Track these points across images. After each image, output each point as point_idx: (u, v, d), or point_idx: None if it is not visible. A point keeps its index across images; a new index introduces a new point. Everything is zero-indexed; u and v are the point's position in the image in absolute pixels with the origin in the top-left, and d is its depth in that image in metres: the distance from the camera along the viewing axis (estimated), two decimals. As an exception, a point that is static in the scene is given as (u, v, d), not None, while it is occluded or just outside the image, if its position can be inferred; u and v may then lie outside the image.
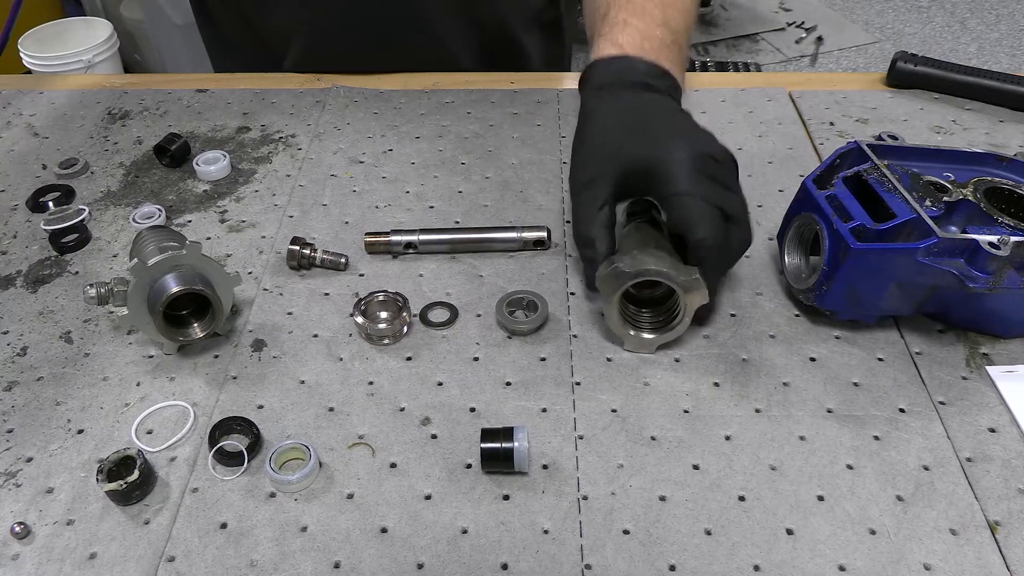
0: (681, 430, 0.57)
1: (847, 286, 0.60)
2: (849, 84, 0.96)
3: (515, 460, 0.53)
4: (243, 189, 0.81)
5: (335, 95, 0.94)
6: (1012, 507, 0.52)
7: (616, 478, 0.54)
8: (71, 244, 0.73)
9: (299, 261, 0.70)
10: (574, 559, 0.50)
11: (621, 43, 0.68)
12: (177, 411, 0.59)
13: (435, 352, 0.63)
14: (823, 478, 0.54)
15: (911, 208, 0.59)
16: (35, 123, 0.91)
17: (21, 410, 0.59)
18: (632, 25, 0.69)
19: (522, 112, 0.91)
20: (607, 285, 0.60)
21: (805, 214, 0.64)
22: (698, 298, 0.59)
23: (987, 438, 0.56)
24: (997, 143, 0.85)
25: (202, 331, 0.62)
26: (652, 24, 0.70)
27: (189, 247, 0.60)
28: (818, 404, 0.59)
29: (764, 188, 0.80)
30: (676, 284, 0.58)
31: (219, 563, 0.50)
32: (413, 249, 0.72)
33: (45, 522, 0.52)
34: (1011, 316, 0.62)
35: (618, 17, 0.70)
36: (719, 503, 0.53)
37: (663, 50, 0.69)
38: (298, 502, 0.53)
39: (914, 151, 0.67)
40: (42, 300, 0.68)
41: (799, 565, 0.49)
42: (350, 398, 0.60)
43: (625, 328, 0.62)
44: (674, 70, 0.68)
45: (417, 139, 0.87)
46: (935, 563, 0.49)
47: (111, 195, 0.80)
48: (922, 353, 0.63)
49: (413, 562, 0.50)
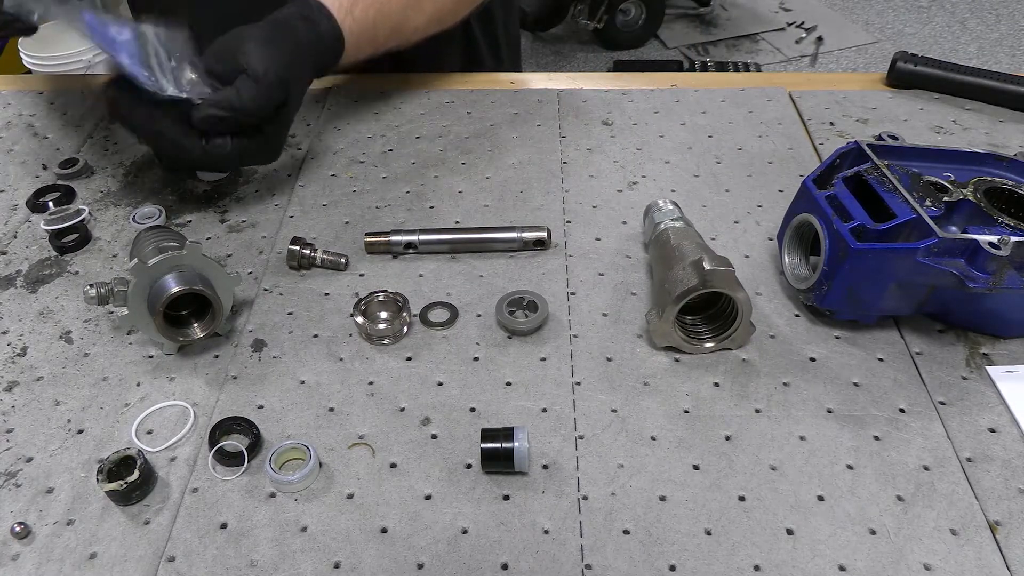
0: (681, 430, 0.57)
1: (847, 286, 0.60)
2: (849, 84, 0.96)
3: (515, 460, 0.53)
4: (243, 189, 0.81)
5: (335, 95, 0.94)
6: (1012, 507, 0.52)
7: (616, 478, 0.54)
8: (71, 244, 0.73)
9: (299, 261, 0.70)
10: (574, 559, 0.50)
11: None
12: (177, 411, 0.59)
13: (435, 352, 0.63)
14: (823, 478, 0.54)
15: (911, 208, 0.59)
16: (35, 123, 0.91)
17: (21, 410, 0.59)
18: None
19: (522, 112, 0.91)
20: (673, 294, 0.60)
21: (805, 214, 0.64)
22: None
23: (987, 438, 0.56)
24: (997, 143, 0.85)
25: (202, 331, 0.62)
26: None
27: (189, 247, 0.60)
28: (818, 404, 0.59)
29: (764, 188, 0.80)
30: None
31: (219, 563, 0.50)
32: (413, 249, 0.72)
33: (45, 522, 0.52)
34: (1011, 316, 0.62)
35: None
36: (719, 503, 0.53)
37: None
38: (298, 502, 0.53)
39: (914, 151, 0.67)
40: (42, 300, 0.68)
41: (799, 565, 0.49)
42: (350, 398, 0.60)
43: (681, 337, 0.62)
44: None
45: (417, 139, 0.87)
46: (935, 563, 0.49)
47: (111, 195, 0.80)
48: (922, 353, 0.63)
49: (413, 562, 0.50)
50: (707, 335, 0.63)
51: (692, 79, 0.99)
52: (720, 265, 0.58)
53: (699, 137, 0.87)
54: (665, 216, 0.68)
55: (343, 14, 0.78)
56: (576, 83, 0.97)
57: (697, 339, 0.62)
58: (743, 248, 0.73)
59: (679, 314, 0.60)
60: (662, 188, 0.80)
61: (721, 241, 0.73)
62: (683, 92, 0.94)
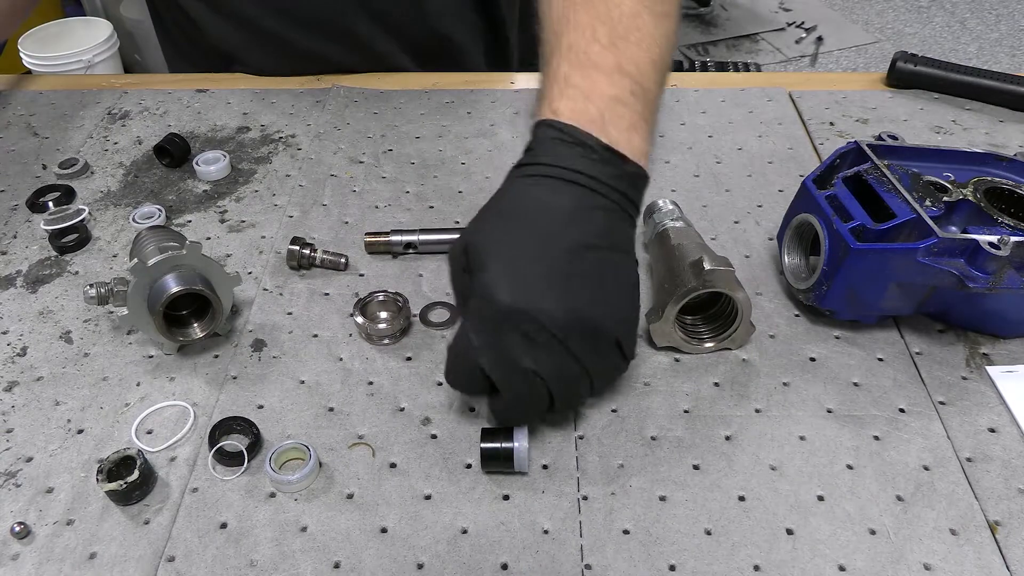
0: (681, 430, 0.57)
1: (847, 286, 0.60)
2: (849, 84, 0.96)
3: (515, 460, 0.53)
4: (243, 189, 0.81)
5: (335, 95, 0.94)
6: (1012, 507, 0.52)
7: (616, 478, 0.54)
8: (71, 244, 0.73)
9: (299, 261, 0.70)
10: (574, 559, 0.50)
11: (561, 109, 0.54)
12: (177, 411, 0.59)
13: (435, 352, 0.63)
14: (823, 478, 0.54)
15: (911, 208, 0.59)
16: (35, 123, 0.91)
17: (21, 410, 0.59)
18: (575, 85, 0.55)
19: (522, 112, 0.91)
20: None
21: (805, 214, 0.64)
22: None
23: (987, 438, 0.56)
24: (997, 143, 0.85)
25: (202, 331, 0.62)
26: (601, 77, 0.55)
27: (189, 247, 0.60)
28: (818, 404, 0.59)
29: (764, 188, 0.80)
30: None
31: (219, 563, 0.50)
32: (413, 249, 0.72)
33: (45, 522, 0.52)
34: (1011, 316, 0.62)
35: (560, 71, 0.56)
36: (719, 503, 0.53)
37: (616, 111, 0.54)
38: (298, 502, 0.53)
39: (914, 151, 0.67)
40: (42, 300, 0.68)
41: (799, 565, 0.49)
42: (350, 398, 0.60)
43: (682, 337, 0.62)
44: (625, 136, 0.54)
45: (417, 139, 0.87)
46: (935, 563, 0.49)
47: (111, 195, 0.80)
48: (922, 353, 0.63)
49: (413, 562, 0.50)
50: (707, 335, 0.63)
51: (692, 79, 0.99)
52: (720, 265, 0.58)
53: (699, 137, 0.87)
54: (665, 216, 0.68)
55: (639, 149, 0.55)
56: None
57: (697, 339, 0.62)
58: (743, 248, 0.73)
59: (679, 314, 0.60)
60: (662, 188, 0.80)
61: (721, 241, 0.73)
62: (683, 92, 0.94)
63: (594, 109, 0.54)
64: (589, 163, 0.53)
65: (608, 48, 0.56)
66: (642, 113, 0.56)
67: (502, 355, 0.50)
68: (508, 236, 0.52)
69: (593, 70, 0.55)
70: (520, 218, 0.53)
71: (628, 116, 0.55)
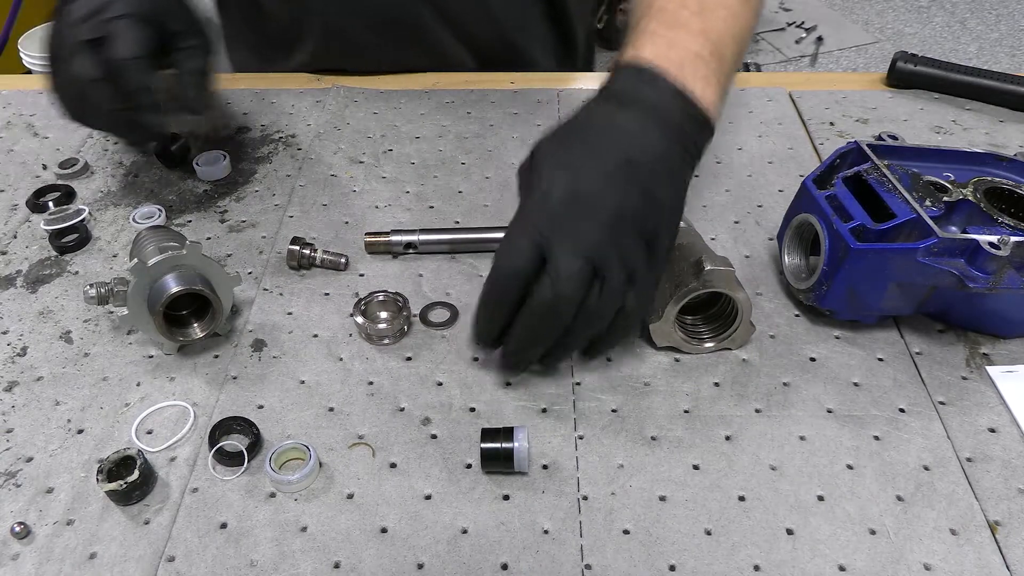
0: (681, 430, 0.57)
1: (847, 286, 0.60)
2: (849, 84, 0.96)
3: (515, 460, 0.53)
4: (243, 189, 0.81)
5: (335, 95, 0.94)
6: (1012, 507, 0.52)
7: (616, 478, 0.54)
8: (71, 244, 0.73)
9: (299, 261, 0.70)
10: (574, 559, 0.50)
11: (644, 53, 0.60)
12: (177, 411, 0.59)
13: (435, 352, 0.63)
14: (823, 478, 0.54)
15: (911, 208, 0.59)
16: (35, 123, 0.91)
17: (21, 410, 0.59)
18: (661, 36, 0.61)
19: (522, 112, 0.91)
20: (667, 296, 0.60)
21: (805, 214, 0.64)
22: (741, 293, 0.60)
23: (987, 438, 0.56)
24: (997, 143, 0.85)
25: (202, 331, 0.62)
26: (686, 35, 0.61)
27: (189, 247, 0.60)
28: (818, 404, 0.59)
29: (764, 188, 0.80)
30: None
31: (219, 563, 0.50)
32: (413, 249, 0.72)
33: (45, 522, 0.52)
34: (1011, 316, 0.62)
35: (647, 27, 0.62)
36: (719, 503, 0.53)
37: (694, 64, 0.60)
38: (298, 502, 0.53)
39: (914, 151, 0.67)
40: (42, 300, 0.68)
41: (799, 565, 0.49)
42: (350, 398, 0.60)
43: (681, 337, 0.62)
44: (700, 85, 0.59)
45: (417, 139, 0.87)
46: (935, 563, 0.49)
47: (111, 195, 0.80)
48: (922, 353, 0.63)
49: (413, 562, 0.50)
50: (707, 335, 0.63)
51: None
52: (720, 265, 0.58)
53: (699, 137, 0.87)
54: None
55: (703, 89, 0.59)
56: (576, 83, 0.97)
57: (697, 339, 0.62)
58: (743, 248, 0.73)
59: (679, 314, 0.60)
60: (662, 188, 0.79)
61: (721, 241, 0.73)
62: (683, 92, 0.94)
63: (675, 56, 0.59)
64: (659, 95, 0.57)
65: (696, 15, 0.62)
66: (717, 74, 0.61)
67: (560, 238, 0.53)
68: (570, 141, 0.57)
69: (680, 28, 0.61)
70: (584, 130, 0.58)
71: (704, 71, 0.60)
